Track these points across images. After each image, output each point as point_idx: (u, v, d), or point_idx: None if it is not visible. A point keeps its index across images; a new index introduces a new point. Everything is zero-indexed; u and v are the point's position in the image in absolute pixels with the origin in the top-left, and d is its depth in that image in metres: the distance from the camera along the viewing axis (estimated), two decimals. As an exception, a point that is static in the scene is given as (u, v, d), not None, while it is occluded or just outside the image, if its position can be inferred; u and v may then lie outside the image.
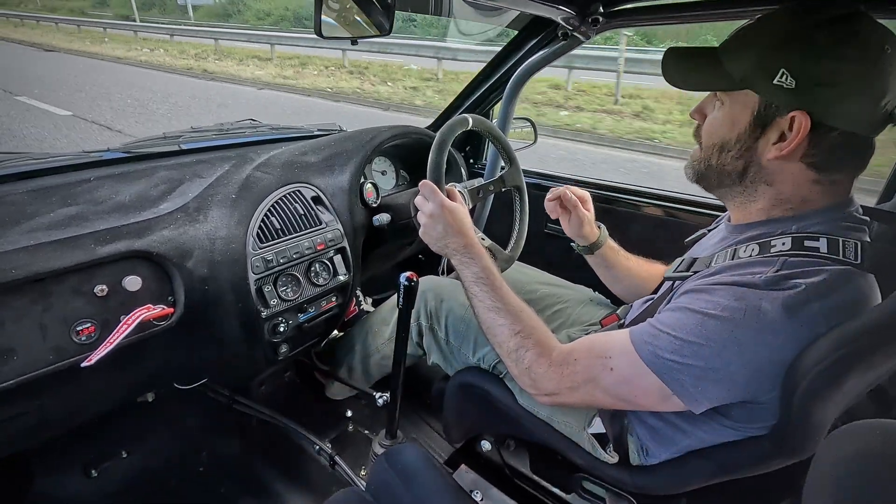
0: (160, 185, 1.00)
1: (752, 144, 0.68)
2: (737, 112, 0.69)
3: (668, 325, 0.67)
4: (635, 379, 0.69)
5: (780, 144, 0.65)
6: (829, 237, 0.64)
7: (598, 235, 1.15)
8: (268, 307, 1.01)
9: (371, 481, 0.85)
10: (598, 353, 0.74)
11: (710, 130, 0.73)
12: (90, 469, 1.28)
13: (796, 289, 0.59)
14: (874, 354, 0.58)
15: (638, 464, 0.86)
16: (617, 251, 1.17)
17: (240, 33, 13.64)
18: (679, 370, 0.64)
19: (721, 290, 0.64)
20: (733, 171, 0.72)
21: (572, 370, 0.75)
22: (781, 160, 0.66)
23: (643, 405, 0.72)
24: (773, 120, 0.65)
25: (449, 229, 0.92)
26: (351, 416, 1.47)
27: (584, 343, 0.78)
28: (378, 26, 1.02)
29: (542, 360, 0.77)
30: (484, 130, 1.14)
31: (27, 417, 0.81)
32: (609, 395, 0.73)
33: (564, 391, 0.76)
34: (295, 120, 1.77)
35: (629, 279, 1.14)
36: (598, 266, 1.18)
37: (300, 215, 1.09)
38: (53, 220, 0.82)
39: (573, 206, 1.13)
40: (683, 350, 0.64)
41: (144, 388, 1.12)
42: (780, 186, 0.69)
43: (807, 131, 0.62)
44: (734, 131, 0.69)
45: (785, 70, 0.62)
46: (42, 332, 0.76)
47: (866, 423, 0.44)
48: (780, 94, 0.63)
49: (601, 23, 1.19)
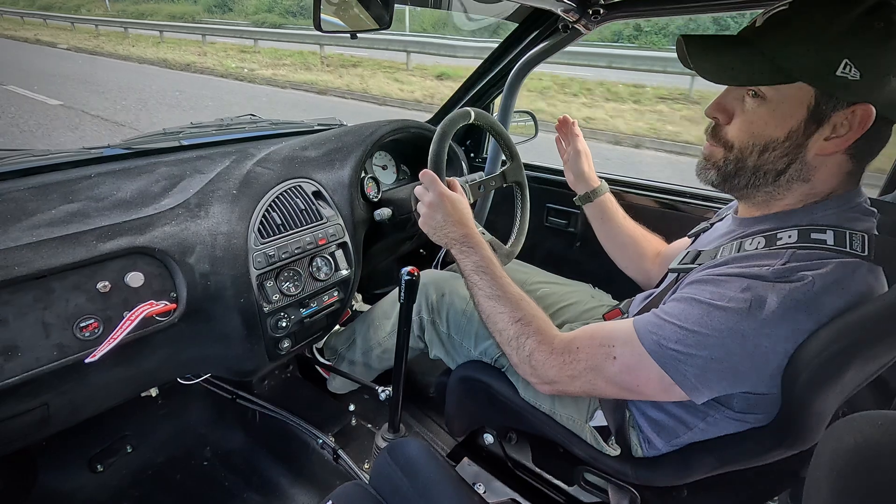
0: (161, 181, 1.00)
1: (803, 142, 0.64)
2: (788, 107, 0.64)
3: (672, 314, 0.67)
4: (638, 368, 0.68)
5: (836, 140, 0.62)
6: (836, 229, 0.64)
7: (599, 185, 1.17)
8: (270, 302, 1.01)
9: (374, 475, 0.85)
10: (600, 342, 0.73)
11: (752, 130, 0.68)
12: (95, 464, 1.29)
13: (803, 281, 0.59)
14: (875, 346, 0.58)
15: (640, 456, 0.86)
16: (616, 207, 1.18)
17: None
18: (682, 360, 0.64)
19: (728, 280, 0.64)
20: (772, 170, 0.68)
21: (574, 358, 0.74)
22: (827, 155, 0.64)
23: (645, 394, 0.72)
24: (831, 114, 0.62)
25: (449, 218, 0.91)
26: (354, 409, 1.47)
27: (586, 331, 0.77)
28: (378, 19, 1.02)
29: (544, 347, 0.77)
30: (486, 125, 1.14)
31: (32, 414, 0.81)
32: (611, 384, 0.72)
33: (565, 379, 0.75)
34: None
35: (623, 237, 1.16)
36: (594, 218, 1.20)
37: (301, 210, 1.09)
38: (55, 216, 0.82)
39: (574, 135, 1.16)
40: (687, 340, 0.64)
41: (148, 383, 1.13)
42: (816, 180, 0.67)
43: (870, 124, 0.60)
44: (784, 128, 0.65)
45: (848, 60, 0.58)
46: (45, 329, 0.76)
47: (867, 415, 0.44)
48: (843, 87, 0.60)
49: (602, 15, 1.18)
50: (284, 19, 17.77)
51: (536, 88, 8.01)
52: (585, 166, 1.17)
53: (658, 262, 1.12)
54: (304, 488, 1.31)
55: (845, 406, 0.70)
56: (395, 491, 0.79)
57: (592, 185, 1.17)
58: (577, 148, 1.17)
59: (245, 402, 1.43)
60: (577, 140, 1.17)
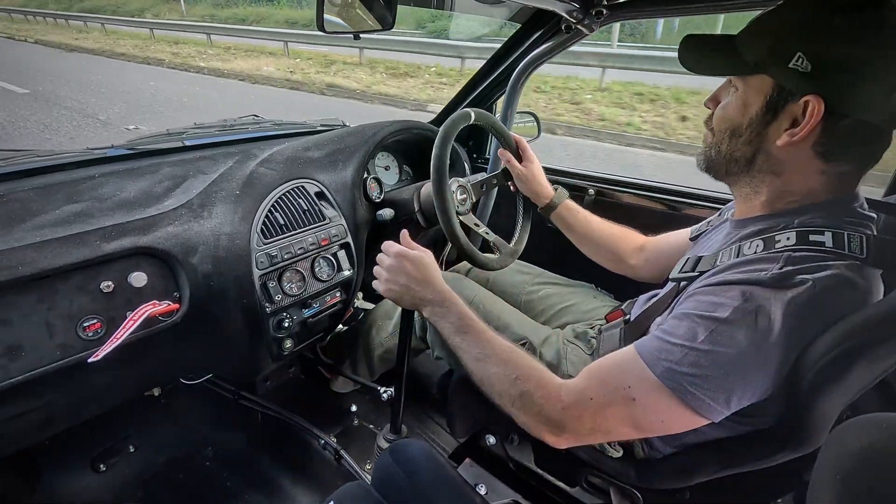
0: (164, 181, 1.01)
1: (762, 130, 0.67)
2: (750, 96, 0.68)
3: (678, 335, 0.64)
4: (659, 403, 0.64)
5: (792, 130, 0.64)
6: (835, 231, 0.63)
7: (554, 196, 1.19)
8: (272, 302, 1.01)
9: (376, 475, 0.85)
10: (615, 386, 0.67)
11: (723, 116, 0.73)
12: (98, 464, 1.29)
13: (804, 285, 0.59)
14: (879, 347, 0.57)
15: (642, 457, 0.86)
16: (576, 212, 1.19)
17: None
18: (697, 384, 0.61)
19: (727, 290, 0.63)
20: (742, 157, 0.71)
21: (592, 410, 0.68)
22: (791, 147, 0.65)
23: (671, 429, 0.67)
24: (785, 105, 0.64)
25: (412, 280, 0.87)
26: (356, 410, 1.47)
27: (594, 376, 0.71)
28: (381, 20, 1.02)
29: (553, 403, 0.71)
30: (487, 124, 1.14)
31: (35, 413, 0.82)
32: (638, 429, 0.67)
33: (584, 432, 0.70)
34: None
35: (593, 239, 1.18)
36: (562, 227, 1.22)
37: (304, 211, 1.09)
38: (59, 217, 0.83)
39: (529, 159, 1.20)
40: (700, 361, 0.61)
41: (151, 383, 1.13)
42: (787, 177, 0.69)
43: (820, 117, 0.61)
44: (746, 116, 0.69)
45: (801, 54, 0.60)
46: (49, 329, 0.76)
47: (872, 417, 0.44)
48: (795, 78, 0.62)
49: (605, 15, 1.18)
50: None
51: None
52: (541, 181, 1.20)
53: (644, 256, 1.12)
54: (306, 489, 1.31)
55: (849, 409, 0.69)
56: (396, 491, 0.79)
57: (550, 195, 1.20)
58: (532, 166, 1.21)
59: (247, 402, 1.43)
60: (531, 159, 1.21)
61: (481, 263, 1.09)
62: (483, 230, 1.16)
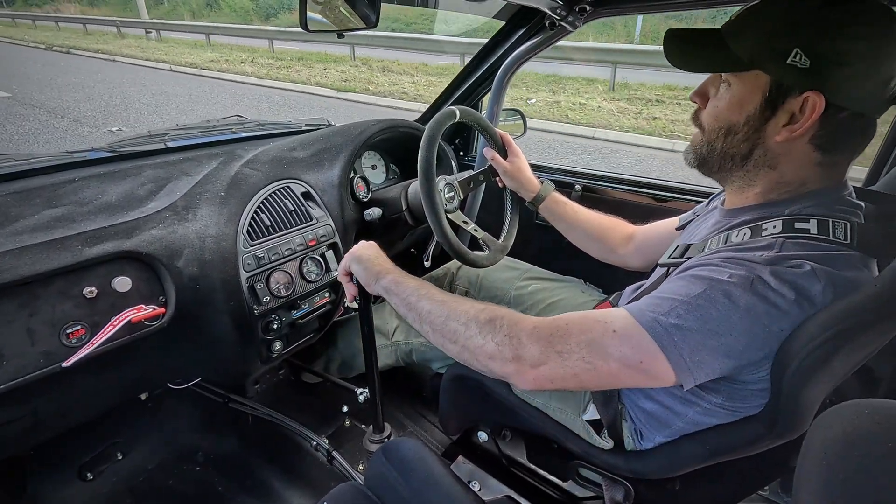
0: (147, 183, 0.99)
1: (760, 126, 0.67)
2: (745, 94, 0.67)
3: (671, 291, 0.64)
4: (641, 342, 0.62)
5: (792, 126, 0.64)
6: (820, 218, 0.64)
7: (541, 188, 1.20)
8: (260, 304, 1.00)
9: (369, 475, 0.85)
10: (595, 317, 0.67)
11: (716, 113, 0.72)
12: (85, 472, 1.27)
13: (803, 269, 0.59)
14: (862, 334, 0.59)
15: (632, 448, 0.87)
16: (564, 203, 1.20)
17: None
18: (679, 334, 0.61)
19: (725, 263, 0.63)
20: (737, 154, 0.71)
21: (565, 333, 0.66)
22: (788, 142, 0.66)
23: (650, 373, 0.63)
24: (784, 101, 0.64)
25: (367, 264, 0.89)
26: (347, 411, 1.47)
27: (575, 312, 0.70)
28: (364, 19, 1.01)
29: (523, 324, 0.69)
30: (472, 121, 1.14)
31: (19, 422, 0.80)
32: (612, 360, 0.63)
33: (553, 356, 0.65)
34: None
35: (582, 230, 1.19)
36: (550, 219, 1.22)
37: (290, 211, 1.08)
38: (38, 221, 0.81)
39: (514, 153, 1.20)
40: (688, 313, 0.61)
41: (138, 388, 1.12)
42: (783, 169, 0.69)
43: (820, 112, 0.61)
44: (742, 113, 0.68)
45: (799, 49, 0.60)
46: (31, 337, 0.75)
47: (855, 403, 0.45)
48: (794, 75, 0.62)
49: (588, 12, 1.19)
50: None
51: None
52: (528, 174, 1.20)
53: (633, 245, 1.13)
54: (299, 490, 1.30)
55: (833, 395, 0.71)
56: (390, 491, 0.79)
57: (537, 188, 1.20)
58: (517, 160, 1.20)
59: (237, 405, 1.41)
60: (516, 154, 1.21)
61: (471, 261, 1.09)
62: (472, 227, 1.16)
